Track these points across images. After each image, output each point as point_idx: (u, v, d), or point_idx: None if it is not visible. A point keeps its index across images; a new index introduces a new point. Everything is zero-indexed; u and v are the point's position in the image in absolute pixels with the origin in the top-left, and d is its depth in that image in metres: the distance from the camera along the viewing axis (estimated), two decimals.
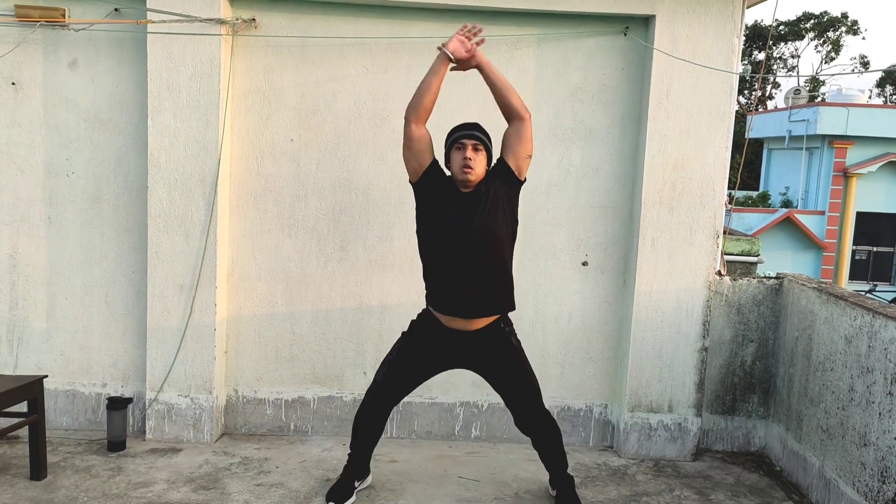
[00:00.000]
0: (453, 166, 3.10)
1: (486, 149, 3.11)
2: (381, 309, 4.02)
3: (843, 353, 3.40)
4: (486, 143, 3.12)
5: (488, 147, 3.13)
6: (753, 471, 3.94)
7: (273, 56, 3.86)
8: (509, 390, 3.28)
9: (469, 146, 3.05)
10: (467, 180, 3.05)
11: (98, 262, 3.95)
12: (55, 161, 3.89)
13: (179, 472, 3.57)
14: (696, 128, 3.82)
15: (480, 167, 3.08)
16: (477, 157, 3.06)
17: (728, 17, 3.78)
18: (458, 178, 3.08)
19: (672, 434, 4.00)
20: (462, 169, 3.04)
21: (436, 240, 3.12)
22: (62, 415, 4.03)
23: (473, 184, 3.07)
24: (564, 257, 4.02)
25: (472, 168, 3.03)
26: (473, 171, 3.04)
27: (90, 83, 3.85)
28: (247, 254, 3.97)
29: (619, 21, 3.87)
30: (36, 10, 3.72)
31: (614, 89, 3.93)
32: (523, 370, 3.27)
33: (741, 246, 7.22)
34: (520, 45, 3.88)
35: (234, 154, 3.90)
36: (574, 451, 4.03)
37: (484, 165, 3.10)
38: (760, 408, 4.15)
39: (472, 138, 3.07)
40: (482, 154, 3.08)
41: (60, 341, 3.99)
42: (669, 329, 3.92)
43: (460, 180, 3.07)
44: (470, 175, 3.04)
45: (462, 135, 3.09)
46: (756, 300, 4.07)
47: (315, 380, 4.06)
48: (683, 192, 3.85)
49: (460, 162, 3.05)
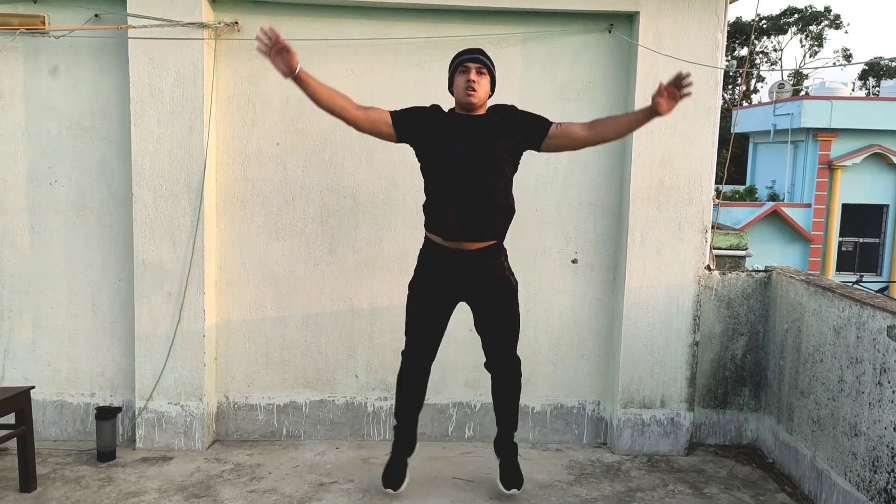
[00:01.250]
0: (456, 90, 3.12)
1: (489, 73, 3.12)
2: (372, 311, 4.00)
3: (831, 344, 3.41)
4: (491, 67, 3.14)
5: (492, 72, 3.15)
6: (746, 463, 3.95)
7: (257, 59, 3.81)
8: (491, 328, 3.28)
9: (473, 69, 3.07)
10: (470, 102, 3.07)
11: (83, 270, 3.92)
12: (38, 170, 3.85)
13: (171, 481, 3.54)
14: (683, 124, 3.82)
15: (483, 90, 3.10)
16: (480, 80, 3.08)
17: (711, 12, 3.79)
18: (461, 100, 3.10)
19: (665, 429, 4.00)
20: (465, 91, 3.06)
21: (440, 160, 3.11)
22: (51, 426, 3.99)
23: (476, 106, 3.10)
24: (554, 256, 4.02)
25: (475, 90, 3.05)
26: (476, 94, 3.06)
27: (72, 90, 3.81)
28: (235, 259, 3.95)
29: (604, 18, 3.88)
30: (15, 18, 3.68)
31: (601, 86, 3.93)
32: (511, 312, 3.29)
33: (730, 240, 7.25)
34: (505, 44, 3.88)
35: (220, 159, 3.87)
36: (568, 449, 4.03)
37: (487, 90, 3.13)
38: (752, 401, 4.16)
39: (476, 62, 3.09)
40: (486, 78, 3.10)
41: (47, 351, 3.95)
42: (660, 325, 3.93)
43: (463, 102, 3.10)
44: (473, 97, 3.06)
45: (466, 58, 3.11)
46: (745, 294, 4.08)
47: (307, 384, 4.04)
48: (671, 188, 3.86)
49: (463, 84, 3.07)
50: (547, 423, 4.11)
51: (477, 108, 3.12)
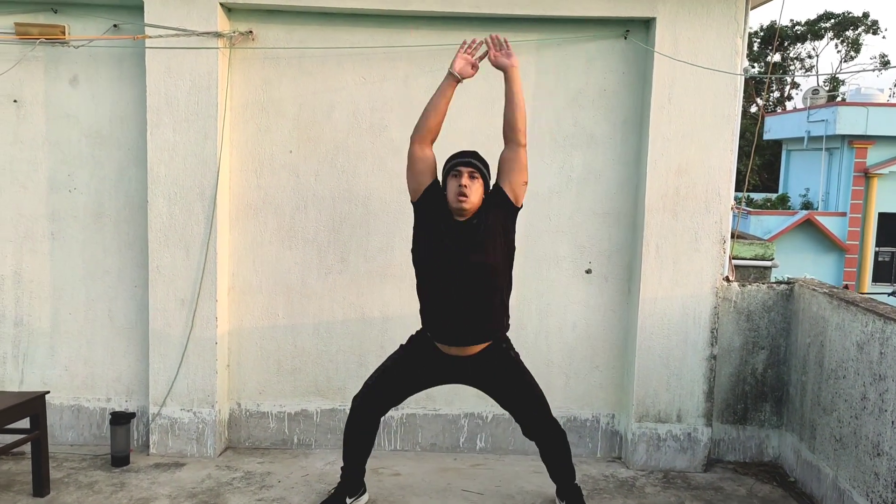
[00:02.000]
0: (449, 194, 3.04)
1: (482, 177, 3.05)
2: (383, 320, 3.99)
3: (855, 360, 3.30)
4: (483, 171, 3.06)
5: (485, 175, 3.07)
6: (767, 482, 3.84)
7: (270, 68, 3.85)
8: (513, 402, 3.23)
9: (465, 174, 2.99)
10: (462, 209, 3.00)
11: (101, 276, 3.96)
12: (57, 177, 3.91)
13: (182, 487, 3.55)
14: (700, 131, 3.75)
15: (476, 196, 3.01)
16: (473, 185, 3.00)
17: (731, 17, 3.71)
18: (453, 206, 3.02)
19: (681, 444, 3.91)
20: (457, 197, 2.99)
21: (429, 268, 3.08)
22: (67, 430, 4.04)
23: (469, 213, 3.02)
24: (567, 265, 3.97)
25: (467, 196, 2.98)
26: (468, 200, 2.98)
27: (91, 99, 3.86)
28: (247, 267, 3.96)
29: (619, 24, 3.82)
30: (36, 28, 3.74)
31: (615, 94, 3.87)
32: (524, 381, 3.22)
33: (754, 250, 7.09)
34: (519, 51, 3.79)
35: (233, 167, 3.89)
36: (581, 463, 3.96)
37: (480, 194, 3.04)
38: (773, 417, 4.05)
39: (469, 166, 3.01)
40: (478, 182, 3.02)
41: (65, 356, 4.00)
42: (676, 337, 3.85)
43: (455, 208, 3.02)
44: (465, 203, 2.98)
45: (458, 162, 3.04)
46: (766, 306, 3.98)
47: (318, 392, 4.03)
48: (688, 197, 3.78)
49: (456, 189, 2.99)
50: None
51: (468, 213, 3.02)
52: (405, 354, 3.23)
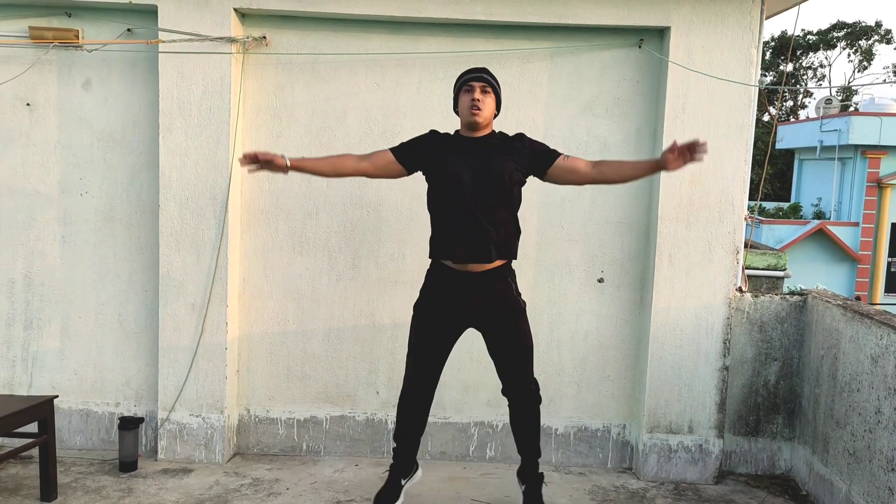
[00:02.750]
0: (461, 109, 3.10)
1: (494, 92, 3.10)
2: (394, 327, 3.97)
3: (869, 373, 3.26)
4: (495, 86, 3.11)
5: (497, 91, 3.12)
6: (779, 495, 3.79)
7: (283, 73, 3.85)
8: (505, 345, 3.18)
9: (477, 88, 3.05)
10: (475, 122, 3.05)
11: (111, 281, 3.96)
12: (69, 181, 3.92)
13: (189, 494, 3.53)
14: (714, 141, 3.71)
15: (488, 109, 3.07)
16: (485, 98, 3.06)
17: (745, 27, 3.69)
18: (466, 119, 3.08)
19: (693, 456, 3.87)
20: (470, 110, 3.04)
21: (444, 181, 3.08)
22: (76, 434, 4.03)
23: (481, 126, 3.08)
24: (580, 274, 3.94)
25: (480, 109, 3.03)
26: (481, 113, 3.04)
27: (103, 103, 3.87)
28: (258, 272, 3.95)
29: (633, 33, 3.80)
30: (50, 31, 3.76)
31: (629, 102, 3.85)
32: (523, 333, 3.19)
33: (767, 260, 7.04)
34: (532, 59, 3.83)
35: (245, 172, 3.88)
36: (591, 473, 3.93)
37: (492, 108, 3.10)
38: (786, 429, 4.01)
39: (481, 80, 3.07)
40: (490, 97, 3.08)
41: (74, 360, 4.00)
42: (688, 347, 3.81)
43: (468, 122, 3.07)
44: (478, 116, 3.03)
45: (471, 77, 3.09)
46: (779, 317, 3.94)
47: (327, 399, 4.02)
48: (701, 207, 3.75)
49: (468, 103, 3.05)
50: (570, 445, 4.02)
51: (482, 127, 3.09)
52: (421, 314, 3.20)
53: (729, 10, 3.68)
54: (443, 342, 3.20)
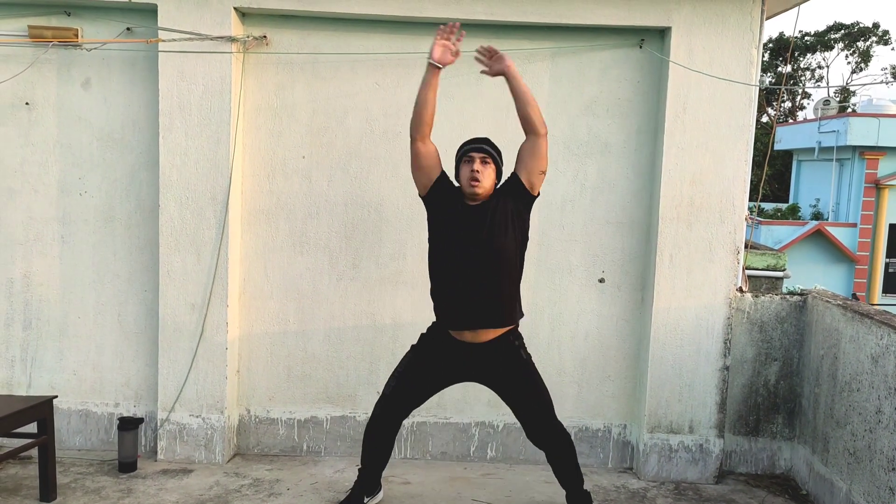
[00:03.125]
0: (461, 179, 3.11)
1: (494, 162, 3.10)
2: (395, 327, 3.96)
3: (869, 373, 3.26)
4: (495, 156, 3.12)
5: (497, 161, 3.12)
6: (779, 494, 3.79)
7: (284, 73, 3.85)
8: (520, 403, 3.23)
9: (477, 159, 3.06)
10: (474, 193, 3.06)
11: (111, 280, 3.95)
12: (68, 180, 3.90)
13: (189, 494, 3.52)
14: (715, 141, 3.72)
15: (488, 181, 3.07)
16: (485, 170, 3.06)
17: (746, 28, 3.69)
18: (466, 191, 3.09)
19: (693, 456, 3.87)
20: (469, 182, 3.05)
21: (443, 253, 3.12)
22: (75, 434, 4.02)
23: (481, 197, 3.08)
24: (580, 274, 3.94)
25: (479, 181, 3.04)
26: (481, 185, 3.04)
27: (103, 102, 3.86)
28: (258, 272, 3.94)
29: (634, 33, 3.80)
30: (49, 30, 3.75)
31: (630, 102, 3.85)
32: (533, 382, 3.21)
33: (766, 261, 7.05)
34: (533, 59, 3.82)
35: (246, 171, 3.88)
36: (592, 473, 3.92)
37: (492, 179, 3.10)
38: (785, 429, 4.01)
39: (481, 151, 3.08)
40: (490, 168, 3.08)
41: (73, 360, 3.99)
42: (689, 347, 3.81)
43: (468, 193, 3.08)
44: (477, 188, 3.04)
45: (471, 148, 3.11)
46: (779, 317, 3.94)
47: (328, 399, 4.01)
48: (702, 207, 3.75)
49: (468, 175, 3.06)
50: None
51: (481, 197, 3.07)
52: (417, 355, 3.23)
53: (729, 10, 3.68)
54: (432, 387, 3.25)
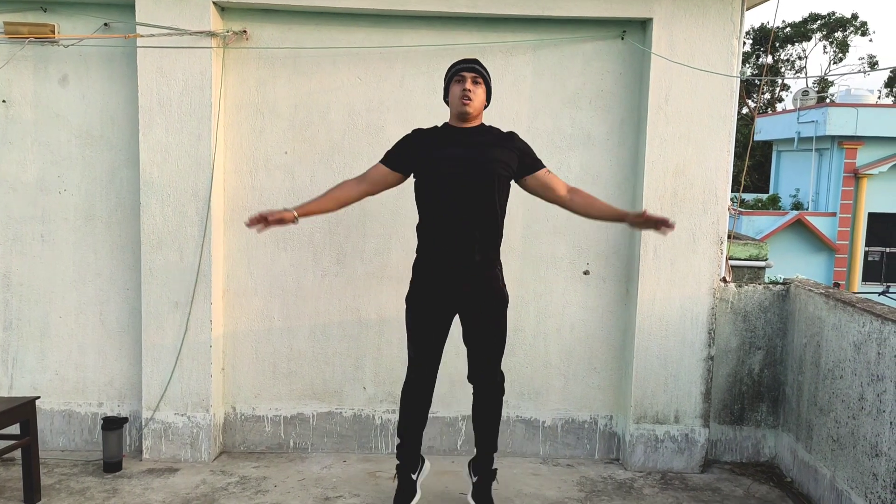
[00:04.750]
0: (452, 99, 3.10)
1: (485, 83, 3.11)
2: (380, 322, 3.95)
3: (852, 360, 3.30)
4: (486, 77, 3.12)
5: (488, 82, 3.13)
6: (763, 482, 3.83)
7: (265, 68, 3.81)
8: (481, 332, 3.18)
9: (468, 78, 3.06)
10: (465, 112, 3.05)
11: (92, 279, 3.91)
12: (47, 178, 3.85)
13: (176, 493, 3.50)
14: (697, 132, 3.74)
15: (479, 100, 3.08)
16: (476, 89, 3.06)
17: (727, 18, 3.70)
18: (457, 109, 3.08)
19: (679, 445, 3.90)
20: (461, 100, 3.04)
21: (434, 173, 3.07)
22: (58, 435, 3.98)
23: (472, 116, 3.08)
24: (565, 266, 3.95)
25: (471, 99, 3.04)
26: (472, 103, 3.04)
27: (81, 99, 3.81)
28: (242, 269, 3.91)
29: (616, 25, 3.80)
30: (25, 27, 3.69)
31: (612, 95, 3.85)
32: (501, 320, 3.20)
33: (748, 251, 7.11)
34: (515, 52, 3.82)
35: (228, 168, 3.85)
36: (579, 465, 3.94)
37: (482, 99, 3.11)
38: (770, 417, 4.05)
39: (472, 71, 3.08)
40: (481, 87, 3.09)
41: (55, 361, 3.95)
42: (674, 338, 3.83)
43: (458, 112, 3.08)
44: (468, 106, 3.03)
45: (461, 67, 3.09)
46: (762, 307, 3.98)
47: (314, 396, 3.99)
48: (685, 198, 3.77)
49: (459, 93, 3.05)
50: (558, 437, 4.03)
51: (472, 117, 3.09)
52: (413, 306, 3.21)
53: (710, 1, 3.69)
54: (438, 328, 3.20)
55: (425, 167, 3.11)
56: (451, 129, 3.12)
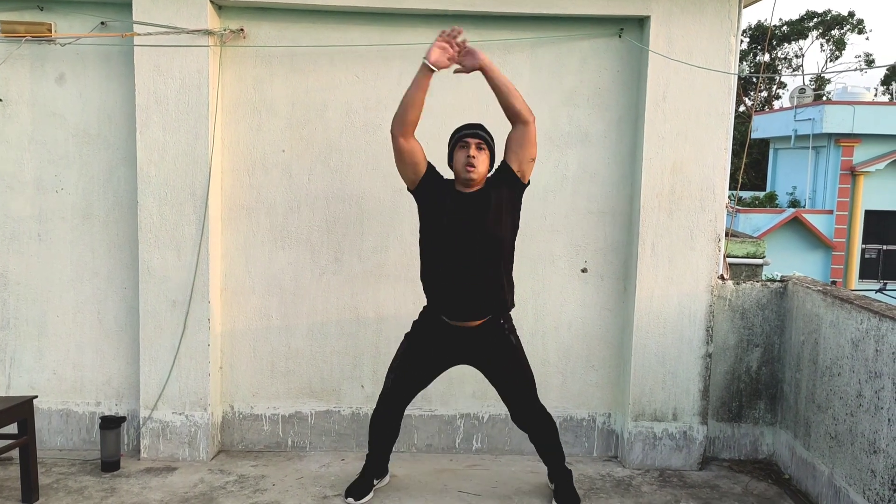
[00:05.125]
0: (456, 165, 3.12)
1: (489, 148, 3.12)
2: (378, 321, 3.95)
3: (849, 357, 3.30)
4: (490, 142, 3.14)
5: (491, 147, 3.14)
6: (762, 479, 3.84)
7: (262, 66, 3.81)
8: (506, 385, 3.29)
9: (472, 145, 3.07)
10: (470, 179, 3.07)
11: (90, 278, 3.90)
12: (44, 177, 3.84)
13: (174, 492, 3.50)
14: (695, 130, 3.74)
15: (483, 166, 3.09)
16: (480, 155, 3.07)
17: (724, 16, 3.70)
18: (461, 176, 3.09)
19: (677, 443, 3.90)
20: (465, 167, 3.06)
21: (437, 241, 3.12)
22: (56, 435, 3.97)
23: (476, 183, 3.09)
24: (563, 264, 3.95)
25: (475, 167, 3.05)
26: (476, 170, 3.06)
27: (78, 98, 3.80)
28: (240, 268, 3.91)
29: (613, 23, 3.80)
30: (22, 26, 3.68)
31: (610, 92, 3.85)
32: (520, 366, 3.29)
33: (746, 248, 7.12)
34: (513, 50, 3.82)
35: (225, 166, 3.84)
36: (577, 462, 3.94)
37: (487, 165, 3.12)
38: (767, 414, 4.05)
39: (476, 137, 3.09)
40: (485, 153, 3.10)
41: (53, 360, 3.94)
42: (672, 335, 3.84)
43: (463, 179, 3.09)
44: (472, 174, 3.05)
45: (466, 133, 3.11)
46: (760, 304, 3.98)
47: (312, 394, 3.99)
48: (683, 196, 3.77)
49: (463, 160, 3.07)
50: None
51: (476, 184, 3.10)
52: (411, 344, 3.27)
53: None
54: (428, 375, 3.30)
55: (431, 225, 3.13)
56: (456, 195, 3.11)
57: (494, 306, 3.16)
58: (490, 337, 3.19)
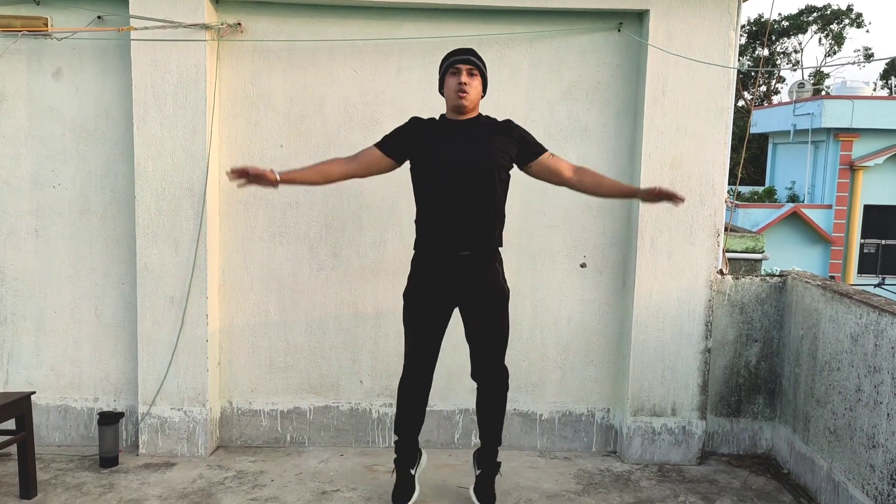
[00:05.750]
0: (447, 91, 3.07)
1: (481, 74, 3.08)
2: (377, 316, 3.94)
3: (849, 352, 3.30)
4: (482, 68, 3.09)
5: (483, 72, 3.10)
6: (760, 474, 3.84)
7: (260, 61, 3.79)
8: (483, 328, 3.17)
9: (464, 71, 3.02)
10: (461, 105, 3.02)
11: (87, 274, 3.89)
12: (41, 173, 3.83)
13: (172, 488, 3.49)
14: (694, 124, 3.73)
15: (475, 92, 3.05)
16: (472, 81, 3.03)
17: (724, 10, 3.69)
18: (453, 102, 3.05)
19: (676, 438, 3.90)
20: (457, 93, 3.01)
21: (429, 169, 3.06)
22: (54, 430, 3.97)
23: (468, 110, 3.05)
24: (562, 259, 3.94)
25: (466, 92, 3.01)
26: (468, 96, 3.01)
27: (75, 93, 3.79)
28: (238, 263, 3.90)
29: (612, 17, 3.79)
30: (18, 20, 3.66)
31: (609, 86, 3.84)
32: (500, 314, 3.18)
33: (745, 243, 7.12)
34: (512, 44, 3.80)
35: (223, 162, 3.82)
36: (576, 457, 3.94)
37: (479, 91, 3.08)
38: (766, 409, 4.05)
39: (467, 63, 3.04)
40: (477, 79, 3.06)
41: (51, 356, 3.93)
42: (671, 330, 3.83)
43: (455, 105, 3.05)
44: (465, 99, 3.01)
45: (457, 59, 3.06)
46: (759, 299, 3.97)
47: (310, 390, 3.99)
48: (682, 190, 3.71)
49: (455, 86, 3.02)
50: (555, 430, 4.03)
51: (468, 110, 3.07)
52: (409, 297, 3.19)
53: None
54: (436, 324, 3.18)
55: (423, 160, 3.08)
56: (447, 123, 3.10)
57: (491, 229, 3.08)
58: (481, 271, 3.09)
